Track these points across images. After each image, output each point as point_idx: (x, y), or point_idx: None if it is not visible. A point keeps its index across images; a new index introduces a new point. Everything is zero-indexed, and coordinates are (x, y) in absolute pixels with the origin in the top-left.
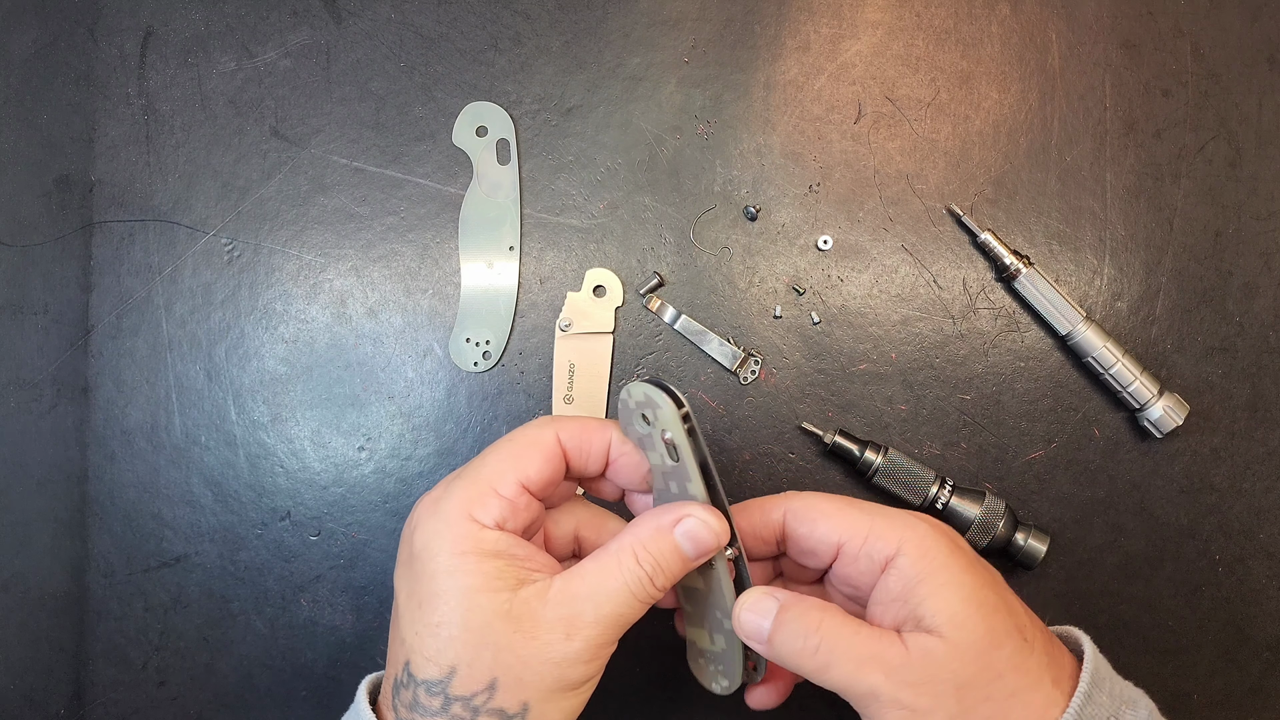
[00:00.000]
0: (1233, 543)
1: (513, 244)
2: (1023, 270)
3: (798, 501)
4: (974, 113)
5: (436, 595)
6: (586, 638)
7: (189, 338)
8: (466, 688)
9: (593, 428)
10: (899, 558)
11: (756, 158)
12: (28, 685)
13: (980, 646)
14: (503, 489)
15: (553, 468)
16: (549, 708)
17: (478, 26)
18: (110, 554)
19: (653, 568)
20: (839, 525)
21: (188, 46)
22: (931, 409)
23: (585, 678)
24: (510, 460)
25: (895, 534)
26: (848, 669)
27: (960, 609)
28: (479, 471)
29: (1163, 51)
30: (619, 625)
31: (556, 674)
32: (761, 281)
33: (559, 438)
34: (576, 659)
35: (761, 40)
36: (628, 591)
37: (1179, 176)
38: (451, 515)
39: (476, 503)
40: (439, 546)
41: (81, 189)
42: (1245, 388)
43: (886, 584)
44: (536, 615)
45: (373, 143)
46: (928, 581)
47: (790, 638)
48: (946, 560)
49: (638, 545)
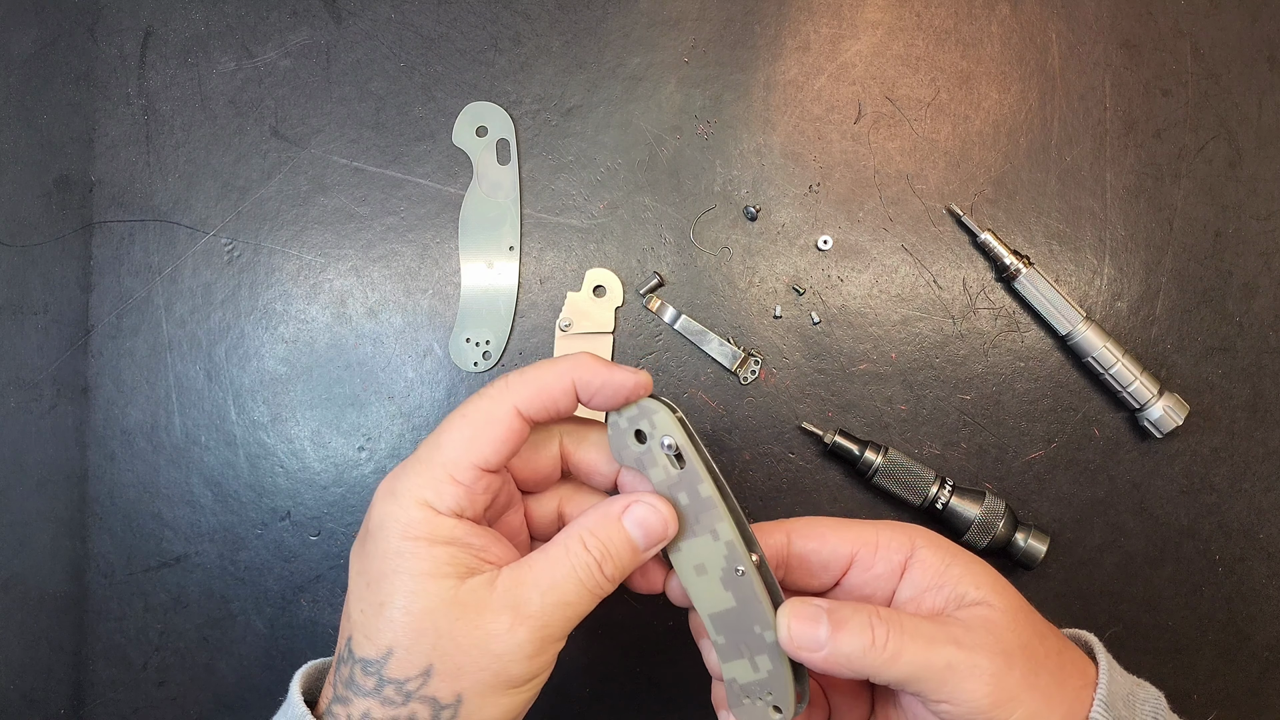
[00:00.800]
0: (1233, 543)
1: (513, 244)
2: (1023, 270)
3: (797, 522)
4: (974, 113)
5: (384, 576)
6: (531, 628)
7: (189, 338)
8: (401, 671)
9: (550, 382)
10: (918, 552)
11: (756, 158)
12: (28, 685)
13: (1025, 609)
14: (459, 475)
15: (512, 442)
16: (485, 702)
17: (478, 26)
18: (110, 554)
19: (600, 553)
20: (848, 537)
21: (188, 46)
22: (931, 409)
23: (527, 675)
24: (466, 442)
25: (904, 536)
26: (919, 650)
27: (996, 581)
28: (433, 455)
29: (1163, 51)
30: (566, 616)
31: (496, 667)
32: (761, 281)
33: (517, 409)
34: (518, 652)
35: (761, 40)
36: (575, 579)
37: (1179, 176)
38: (406, 499)
39: (431, 489)
40: (392, 529)
41: (81, 189)
42: (1245, 388)
43: (913, 579)
44: (482, 604)
45: (373, 143)
46: (955, 565)
47: (853, 636)
48: (959, 550)
49: (585, 532)
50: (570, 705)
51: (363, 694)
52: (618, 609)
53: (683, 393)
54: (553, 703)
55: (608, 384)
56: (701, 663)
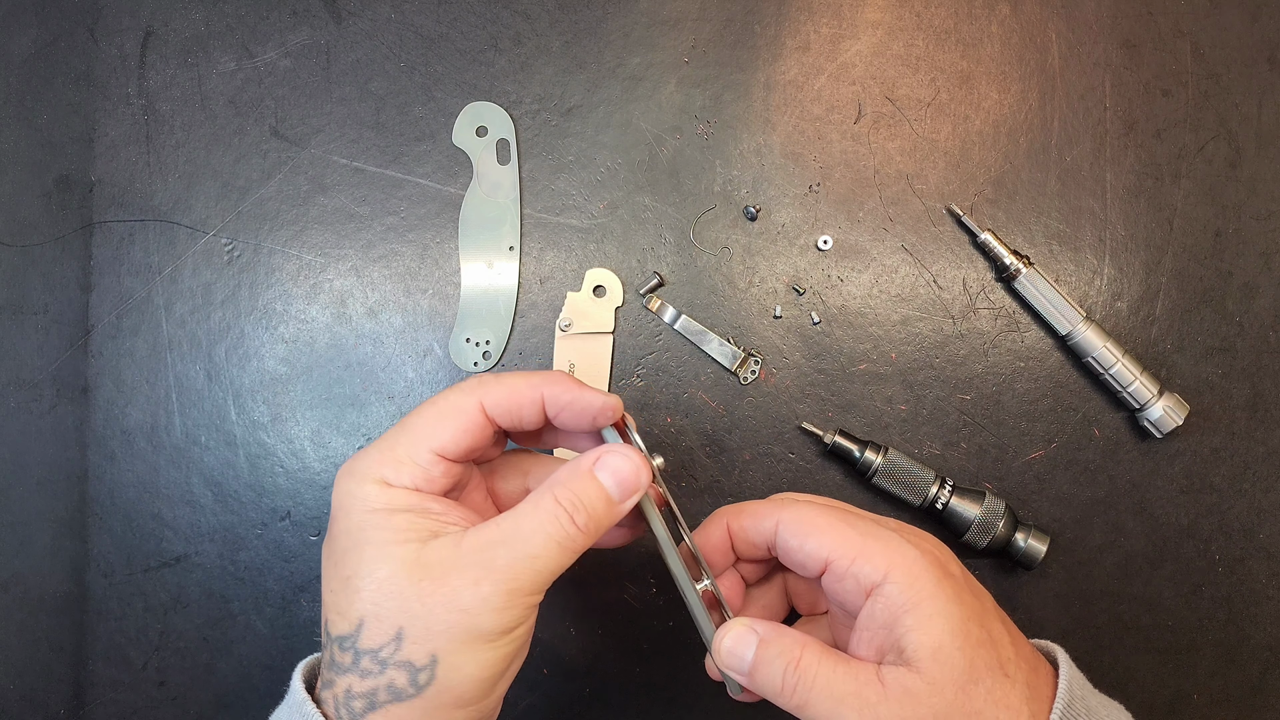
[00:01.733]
0: (1233, 543)
1: (513, 244)
2: (1023, 270)
3: (790, 511)
4: (974, 113)
5: (347, 551)
6: (497, 582)
7: (189, 338)
8: (374, 640)
9: (521, 389)
10: (886, 584)
11: (756, 158)
12: (28, 685)
13: (960, 682)
14: (417, 458)
15: (473, 436)
16: (460, 659)
17: (478, 26)
18: (110, 554)
19: (572, 505)
20: (827, 543)
21: (188, 46)
22: (931, 409)
23: (499, 628)
24: (428, 429)
25: (883, 559)
26: (824, 708)
27: (944, 642)
28: (397, 438)
29: (1163, 51)
30: (534, 569)
31: (465, 622)
32: (761, 281)
33: (483, 405)
34: (485, 605)
35: (761, 40)
36: (543, 533)
37: (1179, 176)
38: (363, 476)
39: (390, 467)
40: (350, 505)
41: (81, 189)
42: (1245, 388)
43: (873, 610)
44: (447, 563)
45: (373, 143)
46: (913, 612)
47: (769, 676)
48: (934, 590)
49: (556, 487)
50: (570, 705)
51: (343, 671)
52: (618, 609)
53: (683, 393)
54: (553, 702)
55: (576, 402)
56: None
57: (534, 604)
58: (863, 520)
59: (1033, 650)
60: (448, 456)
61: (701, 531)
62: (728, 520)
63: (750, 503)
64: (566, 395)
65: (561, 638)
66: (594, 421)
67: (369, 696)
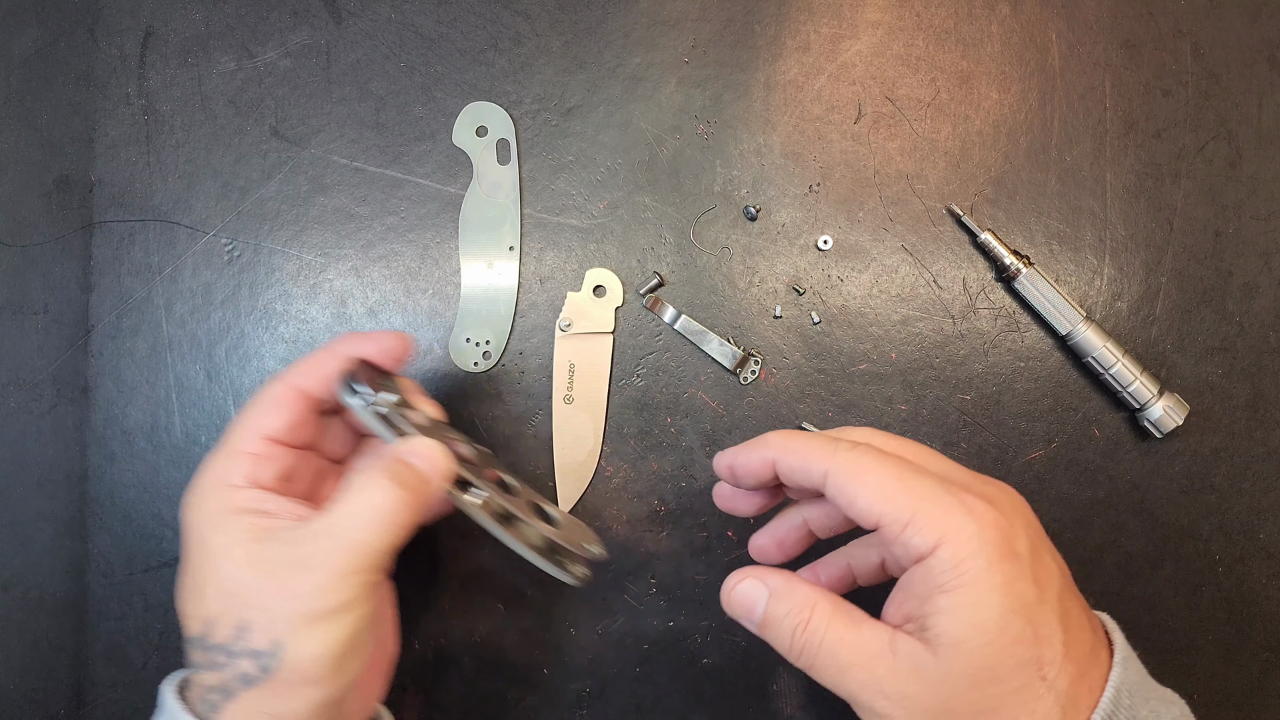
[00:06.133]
0: (1233, 543)
1: (513, 244)
2: (1023, 270)
3: (842, 460)
4: (974, 113)
5: (193, 558)
6: (324, 566)
7: (189, 338)
8: (222, 635)
9: (320, 355)
10: (933, 557)
11: (756, 158)
12: (28, 685)
13: (976, 678)
14: (247, 446)
15: (293, 412)
16: (301, 641)
17: (478, 26)
18: (110, 554)
19: (393, 483)
20: (878, 503)
21: (188, 46)
22: (931, 409)
23: (332, 607)
24: (250, 419)
25: (935, 530)
26: (830, 674)
27: (970, 634)
28: (227, 437)
29: (1163, 51)
30: (360, 553)
31: (300, 606)
32: (761, 281)
33: (292, 384)
34: (315, 589)
35: (761, 40)
36: (362, 517)
37: (1179, 176)
38: (205, 485)
39: (225, 466)
40: (194, 516)
41: (81, 189)
42: (1245, 388)
43: (911, 578)
44: (278, 557)
45: (373, 143)
46: (950, 595)
47: (778, 634)
48: (981, 575)
49: (370, 473)
50: (570, 705)
51: (201, 670)
52: (617, 609)
53: (683, 393)
54: (553, 703)
55: (361, 346)
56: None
57: (367, 582)
58: (922, 478)
59: (1092, 649)
60: (279, 439)
61: (741, 453)
62: (774, 455)
63: (801, 438)
64: (358, 345)
65: (561, 638)
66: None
67: (224, 688)
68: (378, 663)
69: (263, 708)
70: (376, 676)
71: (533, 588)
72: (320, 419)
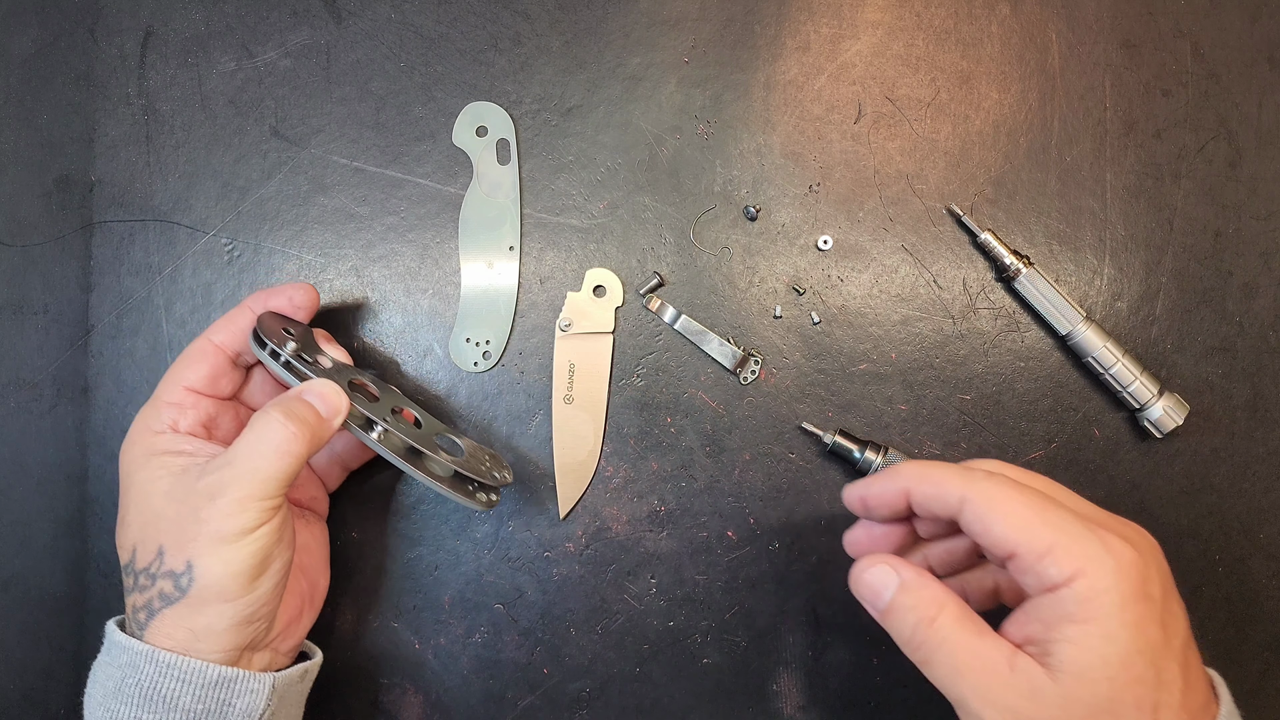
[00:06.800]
0: (1233, 543)
1: (513, 244)
2: (1023, 270)
3: (980, 489)
4: (974, 113)
5: (123, 495)
6: (227, 493)
7: (189, 338)
8: (144, 560)
9: (234, 312)
10: (1066, 589)
11: (756, 158)
12: (28, 685)
13: (1094, 710)
14: (169, 397)
15: (210, 365)
16: (210, 561)
17: (478, 26)
18: (110, 554)
19: (284, 418)
20: (1014, 534)
21: (188, 46)
22: (931, 409)
23: (238, 529)
24: (173, 373)
25: (1072, 564)
26: (944, 674)
27: (1095, 666)
28: (158, 389)
29: (1163, 51)
30: (261, 481)
31: (208, 530)
32: (761, 281)
33: (210, 339)
34: (220, 513)
35: (761, 40)
36: (262, 446)
37: (1179, 176)
38: (134, 434)
39: (150, 414)
40: (124, 459)
41: (81, 189)
42: (1245, 388)
43: (1039, 603)
44: (188, 488)
45: (373, 143)
46: (1082, 625)
47: (900, 624)
48: (1114, 611)
49: (271, 408)
50: (570, 705)
51: (129, 593)
52: (617, 609)
53: (683, 393)
54: (553, 702)
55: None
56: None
57: (269, 507)
58: (1060, 512)
59: (1205, 704)
60: (197, 389)
61: (874, 483)
62: (909, 485)
63: (937, 467)
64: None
65: (561, 638)
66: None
67: (147, 607)
68: (300, 591)
69: (182, 623)
70: (301, 605)
71: (533, 588)
72: (239, 371)
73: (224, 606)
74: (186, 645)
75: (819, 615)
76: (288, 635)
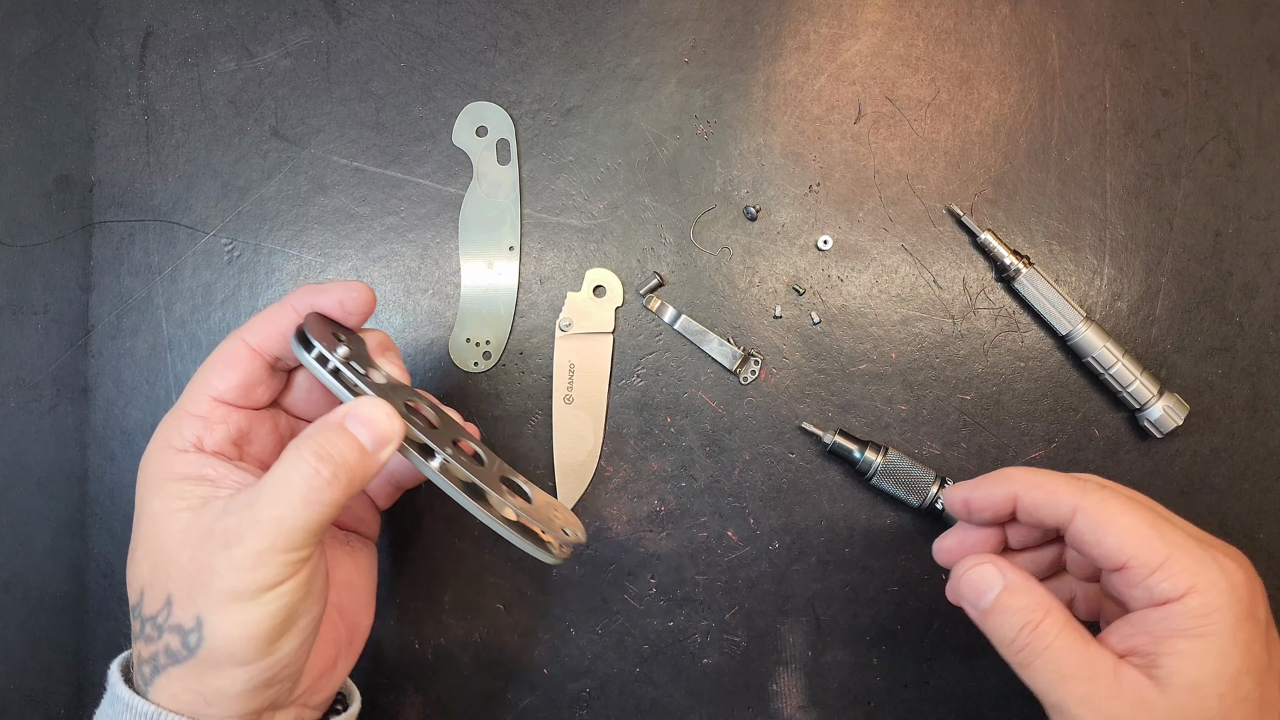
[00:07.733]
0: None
1: (513, 244)
2: (1023, 270)
3: (1093, 500)
4: (974, 113)
5: (136, 521)
6: (245, 542)
7: (189, 338)
8: (151, 608)
9: (271, 310)
10: (1180, 603)
11: (756, 158)
12: (28, 685)
13: None
14: (194, 409)
15: (244, 371)
16: (222, 620)
17: (478, 26)
18: (110, 554)
19: (318, 458)
20: (1130, 546)
21: (188, 46)
22: (931, 409)
23: (254, 586)
24: (199, 380)
25: (1187, 579)
26: (1046, 680)
27: (1206, 682)
28: (181, 399)
29: (1163, 51)
30: (284, 530)
31: (222, 585)
32: (761, 281)
33: (245, 340)
34: (234, 566)
35: (761, 40)
36: (290, 491)
37: (1179, 176)
38: (153, 449)
39: (172, 429)
40: (142, 481)
41: (81, 189)
42: (1245, 388)
43: (1148, 617)
44: (207, 529)
45: (373, 143)
46: (1195, 640)
47: (1002, 626)
48: (1226, 630)
49: (305, 441)
50: (570, 705)
51: (136, 639)
52: (617, 609)
53: (683, 393)
54: (553, 702)
55: (319, 296)
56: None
57: (294, 560)
58: (1171, 527)
59: None
60: (225, 400)
61: (981, 486)
62: (1018, 490)
63: (1049, 475)
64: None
65: (561, 638)
66: (346, 310)
67: (153, 661)
68: (335, 639)
69: (190, 685)
70: (337, 654)
71: (533, 588)
72: (279, 377)
73: (237, 670)
74: (195, 710)
75: (819, 615)
76: (318, 689)
